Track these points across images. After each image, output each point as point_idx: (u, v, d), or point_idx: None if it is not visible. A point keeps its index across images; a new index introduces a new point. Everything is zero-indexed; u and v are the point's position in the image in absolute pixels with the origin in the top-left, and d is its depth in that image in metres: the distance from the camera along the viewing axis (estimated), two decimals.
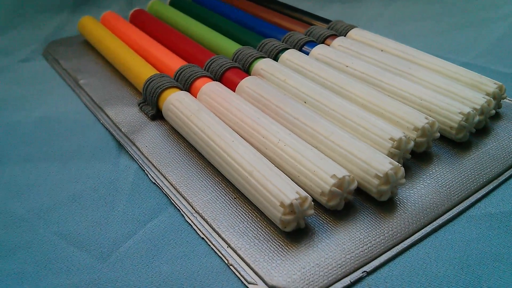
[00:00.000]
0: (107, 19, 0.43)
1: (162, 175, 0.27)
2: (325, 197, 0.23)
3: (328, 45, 0.37)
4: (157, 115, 0.32)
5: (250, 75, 0.34)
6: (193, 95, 0.32)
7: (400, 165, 0.24)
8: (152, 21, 0.42)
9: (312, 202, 0.22)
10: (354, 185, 0.23)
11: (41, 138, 0.32)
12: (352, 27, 0.39)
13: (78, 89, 0.36)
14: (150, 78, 0.32)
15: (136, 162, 0.28)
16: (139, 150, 0.29)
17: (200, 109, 0.29)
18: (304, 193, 0.22)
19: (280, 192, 0.22)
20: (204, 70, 0.34)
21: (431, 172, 0.26)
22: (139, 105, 0.33)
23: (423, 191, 0.25)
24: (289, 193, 0.22)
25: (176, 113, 0.29)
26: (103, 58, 0.40)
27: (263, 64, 0.33)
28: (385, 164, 0.23)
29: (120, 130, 0.31)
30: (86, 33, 0.42)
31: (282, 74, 0.32)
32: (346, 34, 0.39)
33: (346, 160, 0.24)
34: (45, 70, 0.40)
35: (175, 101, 0.30)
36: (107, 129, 0.32)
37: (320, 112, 0.28)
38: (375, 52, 0.34)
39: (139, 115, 0.32)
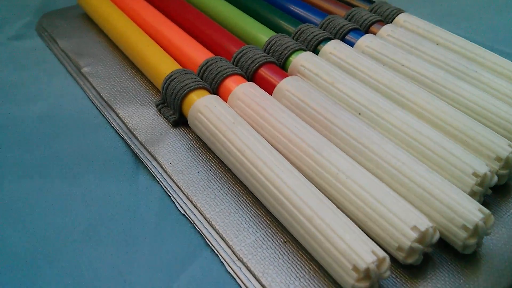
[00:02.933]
0: None
1: (194, 204, 0.22)
2: (403, 254, 0.19)
3: (374, 34, 0.32)
4: (180, 120, 0.27)
5: (287, 71, 0.29)
6: (222, 97, 0.27)
7: (490, 213, 0.19)
8: None
9: (389, 262, 0.18)
10: (436, 237, 0.19)
11: (40, 141, 0.27)
12: (399, 11, 0.34)
13: (82, 79, 0.31)
14: (171, 75, 0.27)
15: (159, 183, 0.24)
16: (161, 167, 0.24)
17: (237, 121, 0.24)
18: (381, 253, 0.18)
19: (352, 252, 0.18)
20: (233, 63, 0.29)
21: None
22: (157, 106, 0.28)
23: (506, 237, 0.21)
24: (365, 254, 0.17)
25: (206, 125, 0.24)
26: (108, 38, 0.34)
27: (304, 61, 0.28)
28: (474, 213, 0.19)
29: (136, 138, 0.26)
30: (88, 8, 0.36)
31: (329, 75, 0.27)
32: (393, 19, 0.33)
33: (425, 202, 0.20)
34: (41, 50, 0.34)
35: (204, 108, 0.25)
36: (119, 135, 0.27)
37: (381, 130, 0.24)
38: (431, 46, 0.29)
39: (158, 119, 0.27)
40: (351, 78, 0.27)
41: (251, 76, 0.28)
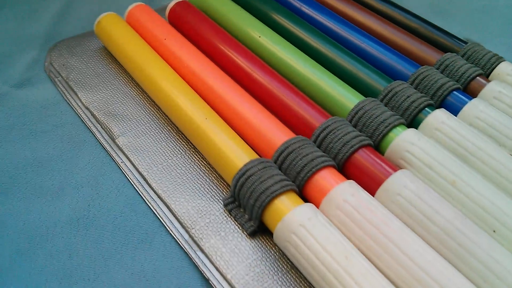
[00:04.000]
0: (135, 18, 0.29)
1: None
2: None
3: (474, 92, 0.26)
4: (260, 229, 0.21)
5: (383, 153, 0.23)
6: (311, 198, 0.21)
7: None
8: (206, 26, 0.29)
9: None
10: None
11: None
12: (498, 58, 0.28)
13: (118, 154, 0.24)
14: (246, 171, 0.21)
15: None
16: None
17: (349, 252, 0.18)
18: None
19: None
20: (314, 142, 0.23)
21: None
22: (225, 205, 0.22)
23: None
24: None
25: (305, 255, 0.19)
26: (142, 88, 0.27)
27: (410, 145, 0.22)
28: None
29: (202, 250, 0.20)
30: (110, 45, 0.29)
31: (447, 168, 0.21)
32: (492, 70, 0.27)
33: None
34: (56, 105, 0.27)
35: (300, 230, 0.19)
36: (181, 246, 0.21)
37: None
38: None
39: (225, 219, 0.21)
40: (477, 174, 0.21)
41: (342, 166, 0.22)
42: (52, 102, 0.27)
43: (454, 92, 0.25)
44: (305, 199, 0.21)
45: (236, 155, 0.22)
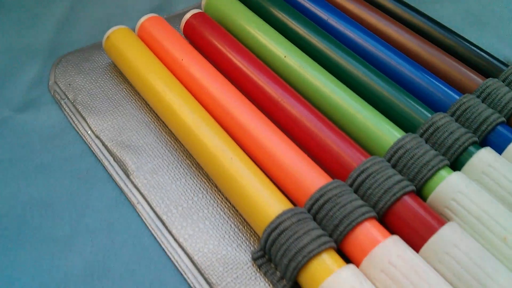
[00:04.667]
0: (148, 32, 0.27)
1: None
2: None
3: None
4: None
5: (425, 199, 0.21)
6: (349, 254, 0.19)
7: None
8: (226, 43, 0.26)
9: None
10: None
11: None
12: None
13: (135, 195, 0.22)
14: (279, 224, 0.19)
15: None
16: None
17: None
18: None
19: None
20: (351, 186, 0.21)
21: None
22: (255, 260, 0.20)
23: None
24: None
25: None
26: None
27: (457, 193, 0.20)
28: None
29: None
30: (121, 64, 0.26)
31: (498, 223, 0.19)
32: None
33: None
34: (63, 133, 0.25)
35: None
36: None
37: None
38: None
39: (258, 279, 0.19)
40: None
41: (383, 216, 0.20)
42: (59, 129, 0.25)
43: (499, 126, 0.23)
44: (343, 253, 0.19)
45: (267, 202, 0.20)
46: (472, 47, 0.27)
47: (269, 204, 0.20)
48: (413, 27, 0.29)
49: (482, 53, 0.27)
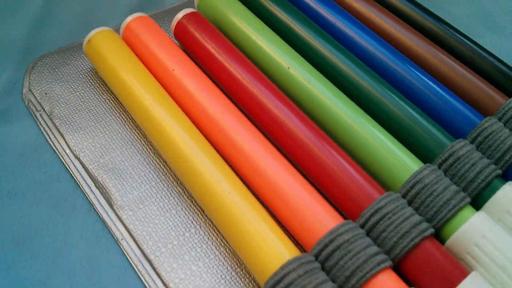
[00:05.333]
0: (135, 35, 0.24)
1: None
2: None
3: None
4: None
5: (443, 242, 0.19)
6: None
7: None
8: (223, 50, 0.23)
9: None
10: None
11: None
12: None
13: (119, 229, 0.20)
14: (283, 277, 0.17)
15: None
16: None
17: None
18: None
19: None
20: (362, 227, 0.18)
21: None
22: None
23: None
24: None
25: None
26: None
27: (481, 238, 0.18)
28: None
29: None
30: (104, 72, 0.23)
31: None
32: None
33: None
34: (38, 153, 0.22)
35: None
36: None
37: None
38: None
39: None
40: None
41: (399, 260, 0.18)
42: (33, 146, 0.22)
43: None
44: None
45: (269, 247, 0.17)
46: (492, 59, 0.25)
47: (271, 249, 0.17)
48: (427, 31, 0.26)
49: (504, 68, 0.24)
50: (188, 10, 0.25)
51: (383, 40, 0.25)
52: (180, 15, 0.25)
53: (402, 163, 0.20)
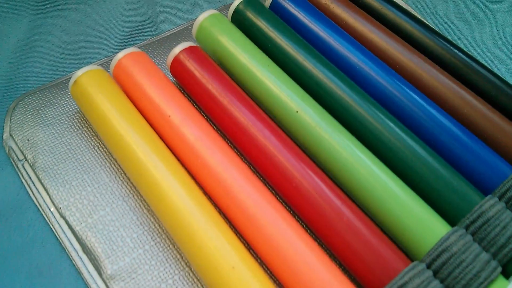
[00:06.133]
0: (127, 73, 0.21)
1: None
2: None
3: None
4: None
5: None
6: None
7: None
8: (226, 90, 0.21)
9: None
10: None
11: None
12: None
13: None
14: None
15: None
16: None
17: None
18: None
19: None
20: None
21: None
22: None
23: None
24: None
25: None
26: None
27: None
28: None
29: None
30: (92, 118, 0.21)
31: None
32: None
33: None
34: (20, 211, 0.20)
35: None
36: None
37: None
38: None
39: None
40: None
41: None
42: (15, 204, 0.20)
43: None
44: None
45: None
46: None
47: None
48: (445, 63, 0.24)
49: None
50: (186, 44, 0.22)
51: (402, 78, 0.23)
52: (177, 50, 0.22)
53: (427, 226, 0.18)
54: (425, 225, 0.18)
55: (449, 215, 0.19)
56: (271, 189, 0.20)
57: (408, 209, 0.18)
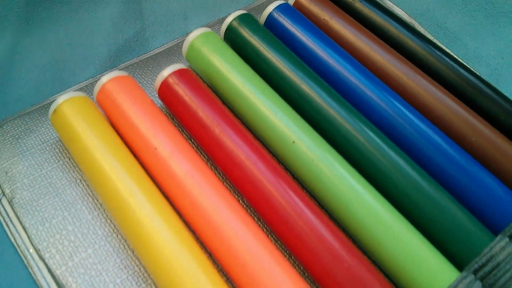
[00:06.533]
0: (111, 99, 0.20)
1: None
2: None
3: None
4: None
5: None
6: None
7: None
8: (219, 118, 0.20)
9: None
10: None
11: None
12: None
13: None
14: None
15: None
16: None
17: None
18: None
19: None
20: None
21: None
22: None
23: None
24: None
25: None
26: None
27: None
28: None
29: None
30: (73, 149, 0.19)
31: None
32: None
33: None
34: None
35: None
36: None
37: None
38: None
39: None
40: None
41: None
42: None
43: None
44: None
45: None
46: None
47: None
48: (450, 84, 0.23)
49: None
50: (176, 67, 0.21)
51: (403, 101, 0.21)
52: (165, 73, 0.21)
53: (433, 272, 0.17)
54: (431, 272, 0.17)
55: (456, 257, 0.18)
56: (265, 230, 0.19)
57: (413, 253, 0.17)
